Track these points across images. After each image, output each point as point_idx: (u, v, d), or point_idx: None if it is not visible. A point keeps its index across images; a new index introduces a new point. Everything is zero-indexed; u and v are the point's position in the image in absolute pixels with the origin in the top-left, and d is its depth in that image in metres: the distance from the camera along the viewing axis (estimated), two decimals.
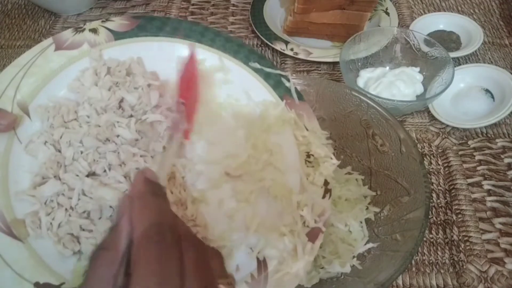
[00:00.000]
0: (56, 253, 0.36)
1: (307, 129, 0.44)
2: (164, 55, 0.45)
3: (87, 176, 0.38)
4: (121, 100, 0.42)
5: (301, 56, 0.75)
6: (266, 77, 0.46)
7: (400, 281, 0.51)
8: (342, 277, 0.47)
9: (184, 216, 0.39)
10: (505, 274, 0.51)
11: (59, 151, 0.39)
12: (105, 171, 0.39)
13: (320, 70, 0.76)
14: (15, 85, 0.40)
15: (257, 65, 0.46)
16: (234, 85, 0.46)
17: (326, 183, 0.42)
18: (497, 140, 0.65)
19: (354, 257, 0.47)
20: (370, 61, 0.72)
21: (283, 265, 0.37)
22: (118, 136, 0.40)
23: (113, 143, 0.40)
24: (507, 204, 0.58)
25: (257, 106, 0.45)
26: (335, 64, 0.76)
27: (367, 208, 0.51)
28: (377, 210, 0.51)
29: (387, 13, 0.81)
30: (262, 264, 0.37)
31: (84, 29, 0.44)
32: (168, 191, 0.39)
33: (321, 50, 0.76)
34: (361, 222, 0.49)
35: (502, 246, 0.54)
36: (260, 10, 0.83)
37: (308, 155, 0.43)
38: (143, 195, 0.28)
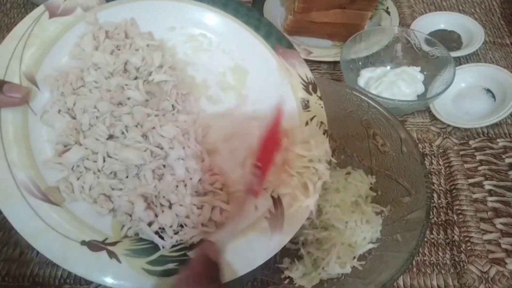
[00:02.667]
0: (92, 212, 0.38)
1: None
2: (157, 15, 0.46)
3: (107, 139, 0.40)
4: (125, 63, 0.43)
5: (302, 55, 0.74)
6: (256, 29, 0.48)
7: (401, 282, 0.51)
8: (343, 277, 0.46)
9: (203, 168, 0.42)
10: (506, 275, 0.51)
11: (74, 118, 0.40)
12: (123, 133, 0.40)
13: (320, 70, 0.76)
14: (18, 57, 0.40)
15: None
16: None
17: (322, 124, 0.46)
18: (498, 140, 0.65)
19: (354, 257, 0.47)
20: (371, 61, 0.72)
21: (296, 201, 0.41)
22: (129, 98, 0.41)
23: (126, 105, 0.41)
24: (508, 205, 0.57)
25: None
26: (335, 63, 0.75)
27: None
28: (378, 210, 0.50)
29: (388, 12, 0.81)
30: (277, 201, 0.42)
31: None
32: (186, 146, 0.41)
33: (321, 50, 0.76)
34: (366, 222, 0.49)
35: (503, 246, 0.54)
36: (260, 9, 0.82)
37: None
38: (201, 279, 0.28)
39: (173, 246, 0.38)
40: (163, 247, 0.38)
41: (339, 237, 0.48)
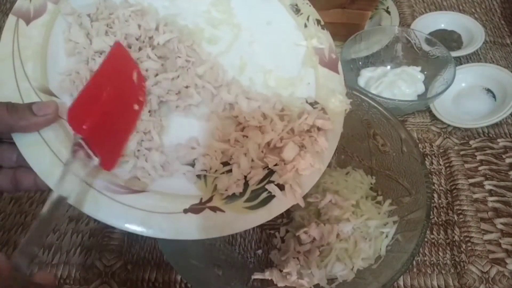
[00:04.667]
0: (176, 183, 0.39)
1: None
2: None
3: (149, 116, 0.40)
4: (125, 38, 0.42)
5: None
6: None
7: (401, 282, 0.51)
8: (343, 278, 0.46)
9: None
10: (507, 275, 0.51)
11: None
12: (161, 101, 0.41)
13: None
14: (23, 76, 0.38)
15: None
16: None
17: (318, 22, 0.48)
18: (498, 140, 0.64)
19: (354, 258, 0.47)
20: (371, 60, 0.72)
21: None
22: (147, 70, 0.41)
23: (149, 79, 0.41)
24: (508, 205, 0.57)
25: None
26: None
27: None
28: (378, 210, 0.50)
29: (388, 12, 0.81)
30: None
31: None
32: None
33: None
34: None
35: (504, 246, 0.53)
36: None
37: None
38: None
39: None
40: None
41: (339, 237, 0.48)
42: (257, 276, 0.46)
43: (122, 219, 0.36)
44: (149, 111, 0.41)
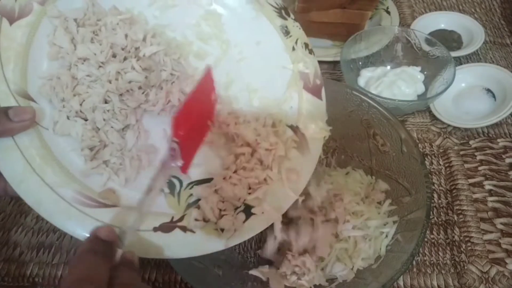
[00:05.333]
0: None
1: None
2: None
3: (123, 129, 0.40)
4: (111, 47, 0.41)
5: None
6: None
7: (401, 282, 0.51)
8: (343, 278, 0.46)
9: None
10: (506, 275, 0.51)
11: (85, 119, 0.39)
12: (137, 120, 0.41)
13: (320, 70, 0.76)
14: (1, 78, 0.37)
15: None
16: None
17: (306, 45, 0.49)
18: (498, 140, 0.64)
19: (354, 258, 0.47)
20: (371, 60, 0.72)
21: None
22: (130, 82, 0.41)
23: (133, 91, 0.41)
24: (508, 205, 0.57)
25: None
26: (335, 63, 0.75)
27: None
28: (379, 210, 0.50)
29: (388, 12, 0.81)
30: (296, 129, 0.45)
31: None
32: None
33: (321, 49, 0.76)
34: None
35: (504, 246, 0.53)
36: None
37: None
38: (81, 252, 0.30)
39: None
40: None
41: (339, 237, 0.48)
42: (253, 272, 0.46)
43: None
44: (127, 125, 0.41)
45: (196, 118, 0.39)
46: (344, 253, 0.47)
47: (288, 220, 0.53)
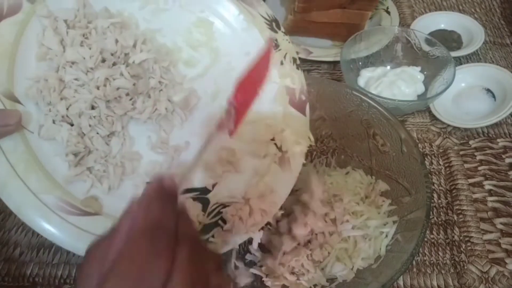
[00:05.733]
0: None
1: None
2: None
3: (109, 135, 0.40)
4: (101, 52, 0.41)
5: (302, 55, 0.75)
6: None
7: (401, 282, 0.51)
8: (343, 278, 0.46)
9: None
10: (506, 275, 0.51)
11: (71, 124, 0.39)
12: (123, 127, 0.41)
13: (320, 70, 0.76)
14: None
15: None
16: None
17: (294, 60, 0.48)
18: (498, 140, 0.64)
19: (354, 258, 0.47)
20: (371, 61, 0.72)
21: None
22: (118, 89, 0.40)
23: (121, 98, 0.40)
24: (508, 204, 0.57)
25: None
26: (335, 63, 0.75)
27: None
28: (378, 210, 0.50)
29: (388, 12, 0.81)
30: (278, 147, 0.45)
31: None
32: None
33: (321, 49, 0.76)
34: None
35: (503, 246, 0.53)
36: None
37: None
38: (150, 199, 0.28)
39: (210, 212, 0.41)
40: None
41: (340, 237, 0.48)
42: (253, 271, 0.46)
43: (72, 242, 0.36)
44: (112, 132, 0.40)
45: (252, 88, 0.38)
46: (344, 253, 0.47)
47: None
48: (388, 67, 0.71)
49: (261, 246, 0.49)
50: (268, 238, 0.49)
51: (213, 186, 0.42)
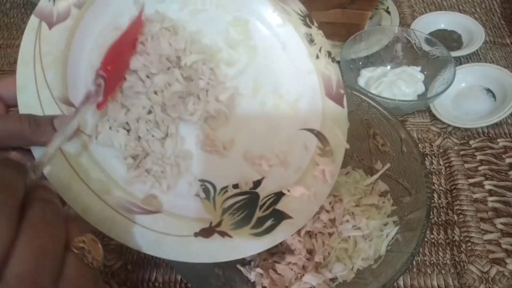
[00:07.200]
0: (187, 205, 0.40)
1: None
2: None
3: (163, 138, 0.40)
4: (159, 58, 0.41)
5: None
6: None
7: (401, 282, 0.51)
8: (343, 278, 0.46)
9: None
10: (506, 275, 0.51)
11: (127, 129, 0.39)
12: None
13: None
14: (44, 84, 0.37)
15: None
16: None
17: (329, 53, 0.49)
18: (498, 140, 0.64)
19: (354, 258, 0.47)
20: (371, 60, 0.72)
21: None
22: (174, 93, 0.40)
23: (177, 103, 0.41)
24: (508, 204, 0.57)
25: None
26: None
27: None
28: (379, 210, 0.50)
29: (388, 12, 0.81)
30: (320, 135, 0.46)
31: None
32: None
33: None
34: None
35: (504, 246, 0.53)
36: None
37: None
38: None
39: (261, 206, 0.42)
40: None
41: (340, 237, 0.48)
42: (256, 271, 0.46)
43: (137, 239, 0.36)
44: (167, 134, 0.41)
45: (122, 58, 0.38)
46: (344, 253, 0.47)
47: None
48: (388, 67, 0.71)
49: None
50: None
51: (260, 181, 0.43)
